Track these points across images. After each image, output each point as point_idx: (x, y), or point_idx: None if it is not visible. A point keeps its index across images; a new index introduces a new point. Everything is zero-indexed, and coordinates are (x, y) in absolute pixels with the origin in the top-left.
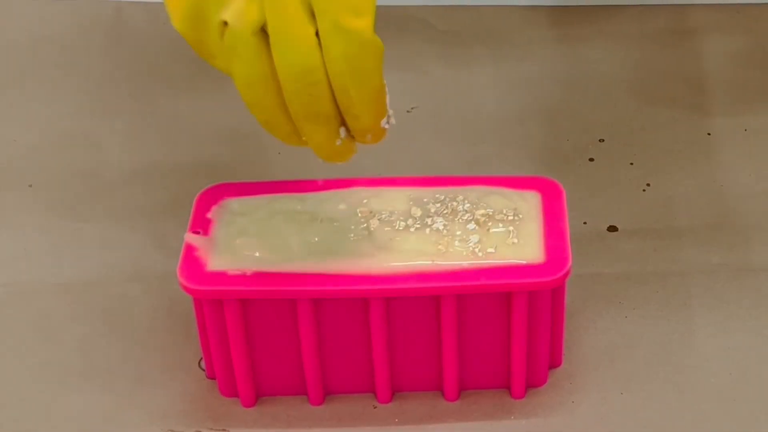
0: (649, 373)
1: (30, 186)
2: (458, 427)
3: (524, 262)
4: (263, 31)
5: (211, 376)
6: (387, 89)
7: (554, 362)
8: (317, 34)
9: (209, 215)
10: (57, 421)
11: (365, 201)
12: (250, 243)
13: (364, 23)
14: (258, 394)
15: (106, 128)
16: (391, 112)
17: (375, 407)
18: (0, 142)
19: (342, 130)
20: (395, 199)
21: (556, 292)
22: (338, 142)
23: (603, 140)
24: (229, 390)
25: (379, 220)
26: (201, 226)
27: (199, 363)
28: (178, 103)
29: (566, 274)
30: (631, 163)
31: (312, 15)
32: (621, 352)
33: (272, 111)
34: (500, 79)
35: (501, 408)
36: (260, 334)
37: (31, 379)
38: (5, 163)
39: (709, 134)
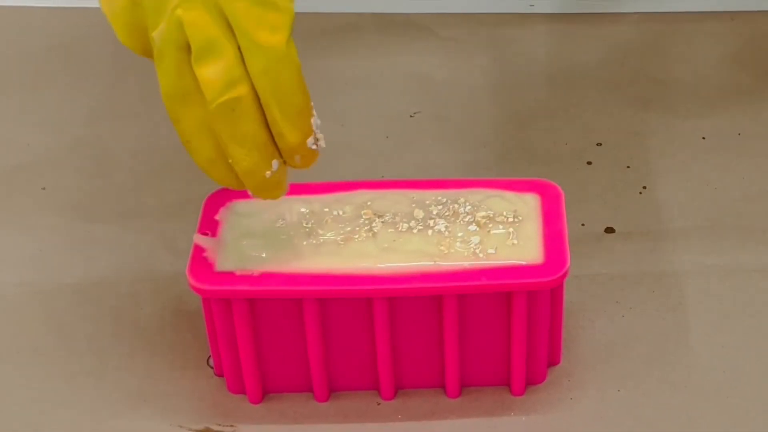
0: (645, 370)
1: (43, 189)
2: (459, 423)
3: (524, 262)
4: (188, 49)
5: (220, 374)
6: (315, 110)
7: (553, 360)
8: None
9: (217, 217)
10: (68, 416)
11: (369, 203)
12: (257, 244)
13: (278, 39)
14: (265, 391)
15: (117, 133)
16: (320, 135)
17: (379, 404)
18: (14, 146)
19: (275, 163)
20: (398, 201)
21: (555, 292)
22: (268, 174)
23: (600, 144)
24: (237, 387)
25: (382, 222)
26: (209, 227)
27: (207, 361)
28: None
29: (565, 275)
30: (628, 167)
31: (233, 32)
32: (618, 351)
33: (193, 129)
34: (500, 84)
35: (501, 405)
36: (267, 333)
37: (43, 376)
38: (19, 166)
39: (703, 138)
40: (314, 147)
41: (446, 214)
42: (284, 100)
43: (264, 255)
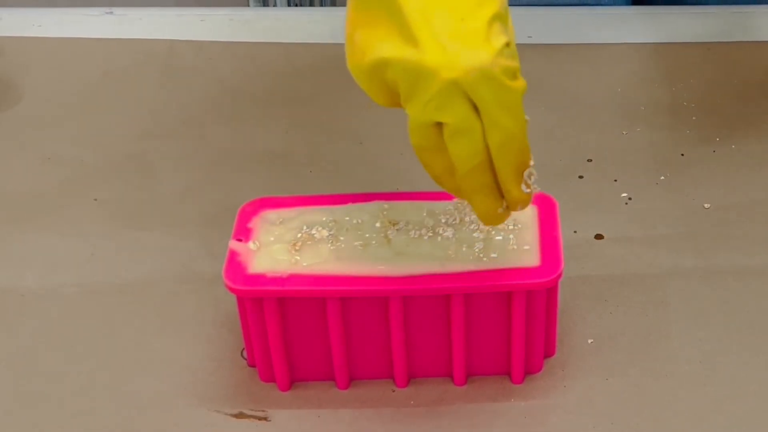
0: (631, 361)
1: (95, 200)
2: (465, 408)
3: (523, 265)
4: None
5: (252, 365)
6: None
7: (549, 352)
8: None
9: (250, 225)
10: (118, 403)
11: (385, 213)
12: (285, 249)
13: (514, 118)
14: (293, 379)
15: (161, 150)
16: (534, 184)
17: (393, 391)
18: (70, 162)
19: (503, 202)
20: (411, 211)
21: (551, 292)
22: (500, 211)
23: (591, 160)
24: (268, 376)
25: (397, 229)
26: (243, 234)
27: (241, 353)
28: (223, 129)
29: (559, 276)
30: (615, 180)
31: (476, 111)
32: (606, 344)
33: (440, 171)
34: None
35: (503, 392)
36: (294, 328)
37: (95, 367)
38: (74, 179)
39: (682, 155)
40: (528, 191)
41: (453, 222)
42: (513, 166)
43: (292, 259)
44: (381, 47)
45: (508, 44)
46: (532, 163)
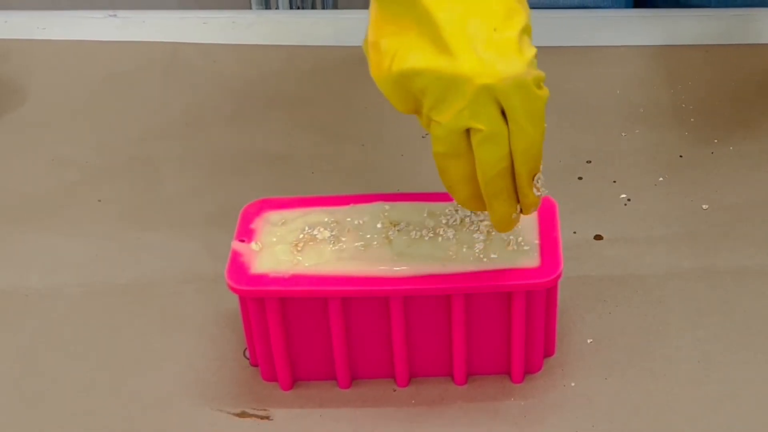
0: (629, 360)
1: (99, 201)
2: (466, 407)
3: (522, 266)
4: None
5: (255, 364)
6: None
7: (548, 352)
8: None
9: (252, 226)
10: (121, 401)
11: (386, 214)
12: (287, 250)
13: (539, 126)
14: (295, 379)
15: (165, 152)
16: (543, 186)
17: (395, 390)
18: (75, 163)
19: (517, 207)
20: (411, 212)
21: (550, 292)
22: (514, 216)
23: (590, 162)
24: (270, 376)
25: (398, 230)
26: (245, 235)
27: (244, 353)
28: (226, 131)
29: (558, 277)
30: (614, 181)
31: (504, 117)
32: (605, 343)
33: (456, 179)
34: None
35: (503, 391)
36: (296, 328)
37: (99, 366)
38: (79, 181)
39: (681, 157)
40: (539, 194)
41: (454, 223)
42: (532, 171)
43: (294, 260)
44: (411, 56)
45: (536, 56)
46: (541, 168)
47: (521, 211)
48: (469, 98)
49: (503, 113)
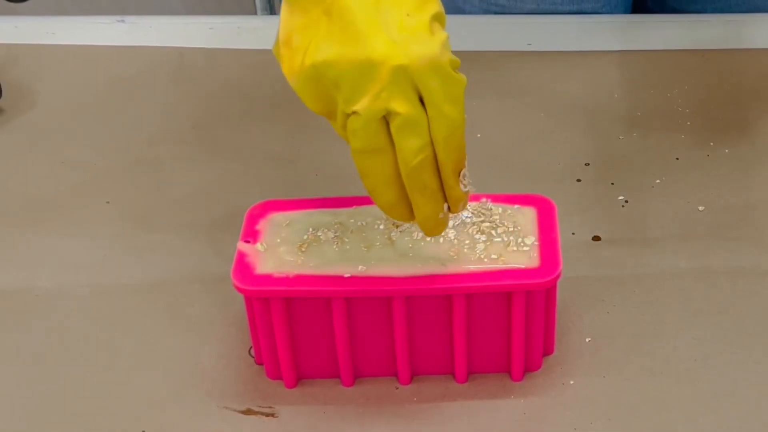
0: (627, 359)
1: (107, 202)
2: (467, 405)
3: (522, 266)
4: (383, 119)
5: (260, 363)
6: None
7: (548, 350)
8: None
9: (258, 227)
10: (129, 399)
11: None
12: (292, 250)
13: (459, 109)
14: (299, 377)
15: (171, 154)
16: (470, 182)
17: (397, 388)
18: (82, 165)
19: (445, 206)
20: None
21: (549, 292)
22: (441, 215)
23: (588, 164)
24: (275, 374)
25: (400, 231)
26: (251, 236)
27: (249, 351)
28: (231, 133)
29: (557, 277)
30: (612, 183)
31: (423, 104)
32: (603, 342)
33: (378, 180)
34: (502, 112)
35: (503, 389)
36: (301, 327)
37: (107, 365)
38: (87, 183)
39: (677, 159)
40: (465, 190)
41: (455, 224)
42: (456, 161)
43: (298, 260)
44: (323, 48)
45: (448, 40)
46: (466, 163)
47: (449, 209)
48: (385, 80)
49: (421, 101)
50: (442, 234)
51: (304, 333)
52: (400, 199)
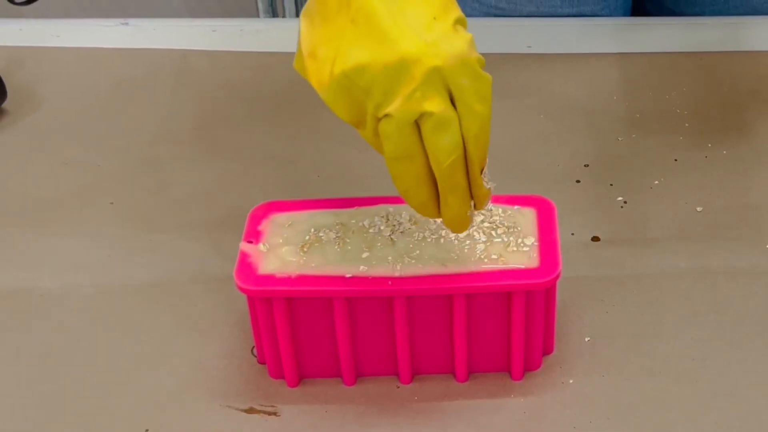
0: (626, 358)
1: (111, 203)
2: (467, 404)
3: (522, 266)
4: (414, 123)
5: (262, 362)
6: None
7: (547, 350)
8: None
9: (260, 228)
10: (133, 398)
11: (389, 216)
12: (294, 251)
13: (487, 106)
14: (301, 376)
15: (174, 155)
16: (492, 183)
17: (398, 387)
18: (86, 166)
19: (471, 204)
20: (415, 213)
21: (549, 292)
22: (469, 213)
23: (588, 165)
24: (277, 373)
25: (401, 231)
26: (253, 236)
27: (251, 351)
28: (234, 135)
29: (557, 277)
30: (611, 185)
31: (453, 103)
32: (603, 342)
33: (411, 182)
34: (502, 114)
35: (503, 388)
36: (303, 327)
37: (111, 364)
38: (91, 184)
39: (676, 160)
40: (488, 187)
41: None
42: (482, 158)
43: (300, 260)
44: (353, 54)
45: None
46: (487, 160)
47: (475, 207)
48: (418, 81)
49: (452, 102)
50: (442, 235)
51: (306, 333)
52: (431, 197)
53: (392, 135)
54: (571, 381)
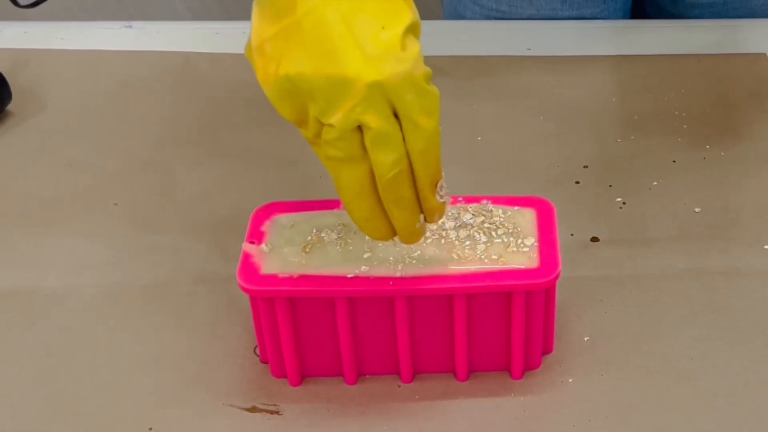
0: (625, 358)
1: (115, 204)
2: (468, 402)
3: (522, 267)
4: (357, 129)
5: (264, 361)
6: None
7: (547, 349)
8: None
9: (263, 228)
10: (137, 397)
11: None
12: (296, 251)
13: (434, 122)
14: (303, 375)
15: (178, 156)
16: (446, 190)
17: (399, 386)
18: (91, 168)
19: (421, 217)
20: None
21: (549, 292)
22: (418, 225)
23: (587, 166)
24: (279, 372)
25: None
26: (256, 237)
27: (254, 350)
28: (236, 136)
29: (557, 277)
30: (610, 186)
31: (397, 118)
32: (602, 341)
33: (354, 193)
34: (502, 116)
35: (503, 387)
36: (305, 327)
37: (115, 363)
38: (95, 185)
39: (674, 162)
40: (442, 201)
41: (457, 225)
42: (432, 173)
43: (302, 261)
44: (297, 61)
45: (421, 52)
46: (443, 174)
47: (425, 220)
48: (359, 96)
49: (396, 116)
50: (443, 235)
51: (308, 332)
52: (374, 213)
53: (333, 140)
54: (570, 380)
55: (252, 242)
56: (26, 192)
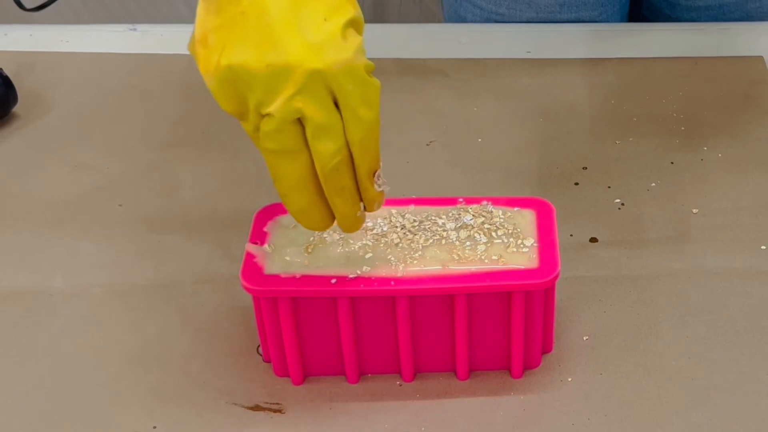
0: (623, 357)
1: (120, 205)
2: (468, 401)
3: (522, 267)
4: (297, 121)
5: (267, 360)
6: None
7: (546, 348)
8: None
9: (266, 229)
10: (141, 395)
11: (392, 218)
12: (298, 252)
13: (374, 113)
14: (306, 374)
15: (181, 158)
16: (384, 181)
17: (400, 385)
18: (96, 169)
19: (361, 205)
20: (417, 215)
21: (548, 292)
22: (359, 214)
23: (586, 168)
24: (282, 371)
25: (403, 233)
26: (259, 238)
27: (257, 349)
28: (240, 138)
29: (556, 277)
30: (609, 187)
31: (338, 107)
32: (600, 340)
33: (291, 184)
34: (502, 118)
35: (503, 386)
36: (307, 326)
37: (120, 362)
38: (100, 186)
39: (672, 163)
40: (380, 190)
41: (457, 226)
42: (371, 162)
43: (305, 261)
44: (239, 50)
45: (362, 45)
46: (380, 164)
47: (365, 209)
48: (299, 84)
49: (336, 106)
50: (444, 236)
51: (311, 332)
52: (312, 204)
53: (272, 133)
54: (569, 379)
55: (255, 243)
56: (32, 193)
